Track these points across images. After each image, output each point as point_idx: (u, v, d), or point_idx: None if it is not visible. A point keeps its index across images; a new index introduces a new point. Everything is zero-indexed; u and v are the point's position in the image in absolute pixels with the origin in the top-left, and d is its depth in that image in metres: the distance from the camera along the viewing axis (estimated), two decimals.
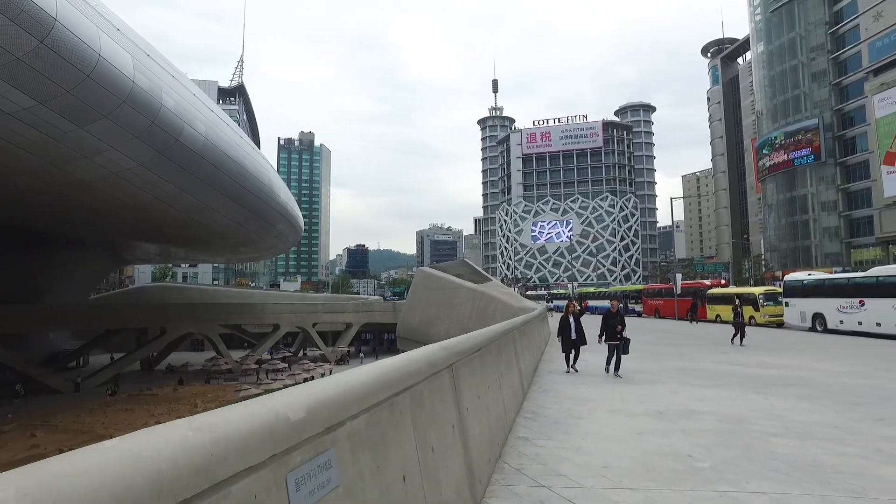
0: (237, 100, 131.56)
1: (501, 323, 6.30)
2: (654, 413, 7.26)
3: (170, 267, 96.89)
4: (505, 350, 5.49)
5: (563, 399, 8.10)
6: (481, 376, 4.05)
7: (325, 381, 1.72)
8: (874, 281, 20.16)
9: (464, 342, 3.55)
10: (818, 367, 12.48)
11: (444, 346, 3.10)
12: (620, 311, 11.65)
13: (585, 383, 10.02)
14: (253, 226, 35.60)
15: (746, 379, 10.54)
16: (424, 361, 2.60)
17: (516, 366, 6.50)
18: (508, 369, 5.57)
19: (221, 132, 25.40)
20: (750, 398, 8.45)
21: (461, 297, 30.08)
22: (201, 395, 35.83)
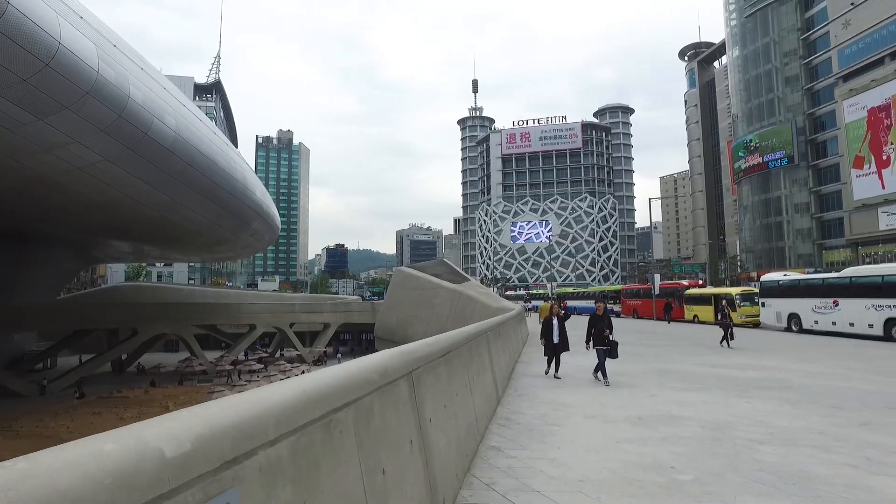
0: (214, 96, 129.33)
1: (474, 324, 5.99)
2: (633, 419, 7.03)
3: (144, 266, 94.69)
4: (478, 353, 5.19)
5: (539, 404, 7.80)
6: (448, 383, 3.76)
7: (234, 400, 1.37)
8: (847, 281, 20.43)
9: (427, 346, 3.24)
10: (797, 368, 12.43)
11: (404, 350, 2.79)
12: (608, 314, 10.88)
13: (562, 387, 9.70)
14: (227, 224, 34.83)
15: (727, 382, 10.38)
16: (375, 370, 2.27)
17: (490, 369, 6.21)
18: (481, 373, 5.28)
19: (193, 127, 24.70)
20: (732, 402, 8.28)
21: (439, 297, 29.80)
22: (173, 397, 34.90)
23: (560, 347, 10.96)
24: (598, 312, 10.59)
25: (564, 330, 11.23)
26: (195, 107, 29.29)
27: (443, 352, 3.62)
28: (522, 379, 10.48)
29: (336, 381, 1.85)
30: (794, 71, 68.90)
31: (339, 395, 1.83)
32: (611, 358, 10.17)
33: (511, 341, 11.97)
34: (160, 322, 48.65)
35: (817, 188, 65.96)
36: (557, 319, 11.19)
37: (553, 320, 11.12)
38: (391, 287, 42.19)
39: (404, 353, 2.75)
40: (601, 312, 10.61)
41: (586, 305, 50.80)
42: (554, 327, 11.02)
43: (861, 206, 57.76)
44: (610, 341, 10.18)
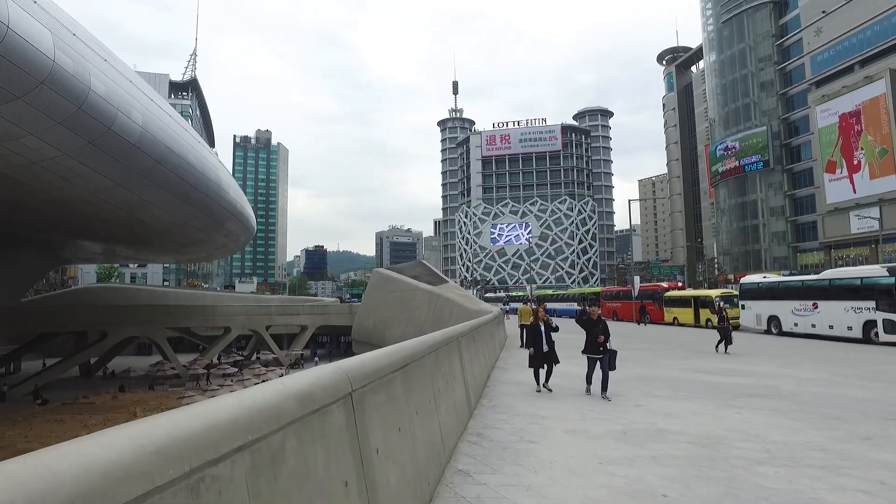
0: (190, 94, 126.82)
1: (443, 330, 5.48)
2: (617, 434, 6.49)
3: (116, 267, 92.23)
4: (447, 361, 4.68)
5: (515, 416, 7.22)
6: (406, 401, 3.26)
7: None
8: (826, 284, 20.43)
9: (376, 360, 2.75)
10: (784, 373, 12.05)
11: (343, 367, 2.26)
12: (602, 319, 9.58)
13: (540, 396, 9.10)
14: (200, 224, 33.81)
15: (713, 389, 9.89)
16: (293, 396, 1.72)
17: (462, 379, 5.69)
18: (451, 384, 4.76)
19: (162, 123, 23.81)
20: (722, 413, 7.79)
21: (417, 299, 29.25)
22: (143, 402, 33.72)
23: (551, 356, 9.74)
24: (591, 316, 9.40)
25: (551, 338, 10.01)
26: (166, 103, 28.36)
27: (400, 364, 3.10)
28: (499, 387, 9.83)
29: (218, 419, 1.29)
30: (769, 76, 70.05)
31: (219, 439, 1.29)
32: (610, 369, 9.00)
33: (488, 346, 11.20)
34: (130, 325, 47.19)
35: (792, 192, 67.06)
36: (545, 326, 9.95)
37: (541, 327, 9.89)
38: (368, 289, 41.49)
39: (342, 371, 2.21)
40: (595, 316, 9.41)
41: (566, 307, 50.70)
42: (542, 335, 9.84)
43: (834, 210, 58.83)
44: (606, 349, 9.03)
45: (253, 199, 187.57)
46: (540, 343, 9.70)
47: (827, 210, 59.65)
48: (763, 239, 69.22)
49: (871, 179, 55.52)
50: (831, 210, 59.11)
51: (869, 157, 55.78)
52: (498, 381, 10.49)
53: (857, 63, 57.97)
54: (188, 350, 59.32)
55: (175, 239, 36.97)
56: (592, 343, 9.06)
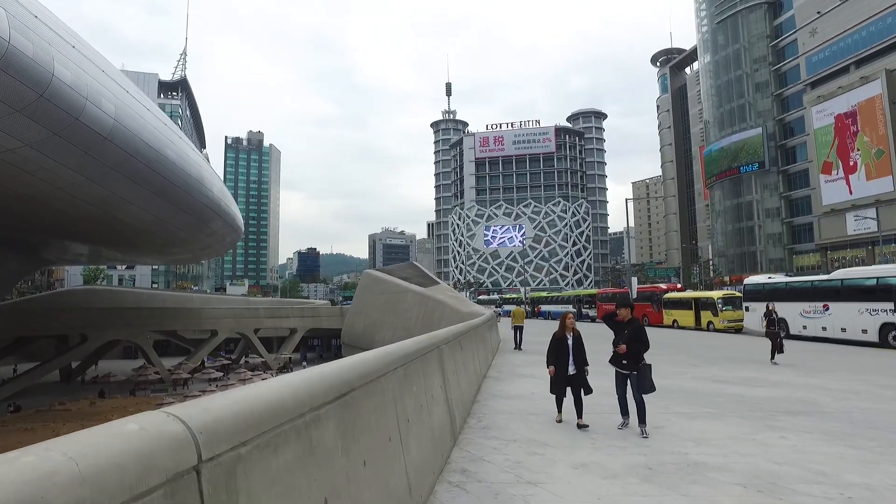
0: (180, 94, 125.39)
1: (418, 337, 4.40)
2: (641, 470, 5.09)
3: (102, 269, 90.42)
4: (420, 378, 3.59)
5: (509, 444, 5.91)
6: (346, 452, 2.19)
7: None
8: (838, 284, 19.52)
9: (274, 396, 1.64)
10: (812, 383, 10.71)
11: (188, 414, 1.24)
12: (636, 320, 7.22)
13: (539, 413, 7.65)
14: (181, 223, 32.53)
15: (740, 404, 8.51)
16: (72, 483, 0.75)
17: (443, 398, 4.58)
18: (426, 409, 3.64)
19: (138, 116, 22.60)
20: (764, 438, 6.35)
21: (407, 301, 28.14)
22: (122, 409, 32.39)
23: (580, 381, 7.17)
24: (618, 318, 7.12)
25: (584, 352, 7.33)
26: (144, 96, 27.10)
27: (335, 392, 2.01)
28: (491, 402, 8.39)
29: None
30: (764, 77, 69.60)
31: None
32: (643, 392, 6.75)
33: (478, 353, 9.88)
34: (113, 328, 45.79)
35: (787, 193, 66.54)
36: (573, 339, 7.27)
37: (568, 339, 7.25)
38: (358, 291, 40.33)
39: (180, 424, 1.21)
40: (623, 318, 7.10)
41: (561, 310, 49.74)
42: (569, 351, 7.21)
43: (830, 212, 58.30)
44: (638, 362, 6.81)
45: (245, 200, 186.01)
46: (565, 361, 7.15)
47: (823, 211, 59.11)
48: (759, 241, 68.63)
49: (867, 180, 55.01)
50: (827, 211, 58.57)
51: (865, 158, 55.27)
52: (490, 395, 9.11)
53: (852, 63, 57.53)
54: (176, 353, 57.93)
55: (157, 239, 35.65)
56: (616, 353, 6.99)
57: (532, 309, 54.77)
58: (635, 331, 6.93)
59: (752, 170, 68.71)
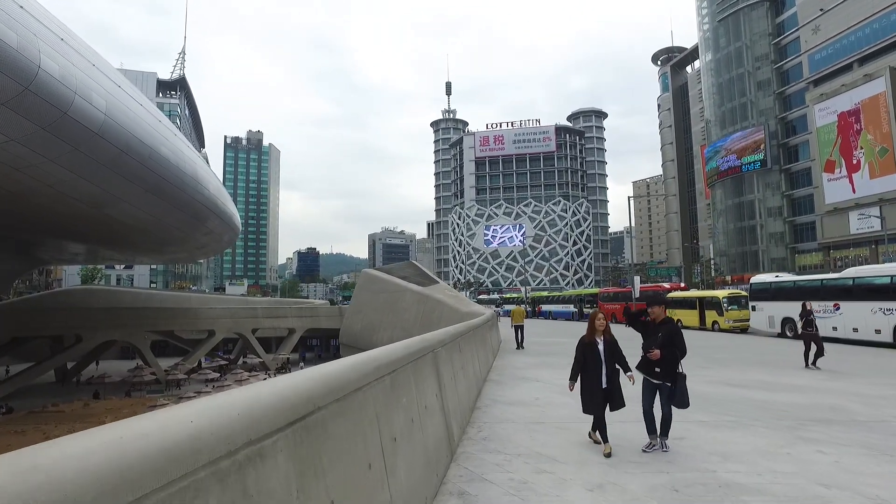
0: (178, 93, 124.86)
1: (409, 339, 3.88)
2: (666, 492, 4.42)
3: (100, 269, 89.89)
4: (411, 388, 3.03)
5: (513, 459, 5.23)
6: (303, 491, 1.63)
7: None
8: (850, 283, 18.98)
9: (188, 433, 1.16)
10: (834, 387, 10.08)
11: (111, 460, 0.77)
12: (672, 323, 6.06)
13: (545, 421, 6.88)
14: (176, 221, 32.01)
15: (763, 410, 7.77)
16: None
17: (439, 407, 4.04)
18: (418, 422, 3.04)
19: (130, 112, 22.09)
20: (799, 451, 5.62)
21: (405, 301, 27.62)
22: (116, 410, 31.86)
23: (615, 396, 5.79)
24: (651, 318, 6.00)
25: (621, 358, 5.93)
26: (137, 92, 26.60)
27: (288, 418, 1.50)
28: (492, 409, 7.69)
29: None
30: (766, 75, 69.08)
31: None
32: (677, 406, 5.77)
33: (478, 355, 9.27)
34: (108, 328, 45.26)
35: (790, 192, 66.02)
36: (605, 344, 5.86)
37: (598, 345, 5.85)
38: (356, 290, 39.82)
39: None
40: (657, 318, 5.98)
41: (562, 309, 49.20)
42: (601, 359, 5.79)
43: (833, 210, 57.81)
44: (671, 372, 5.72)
45: (244, 200, 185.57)
46: (597, 371, 5.70)
47: (826, 210, 58.61)
48: (761, 240, 68.11)
49: (870, 179, 54.51)
50: (830, 210, 58.07)
51: (869, 157, 54.77)
52: (491, 400, 8.37)
53: (856, 61, 57.02)
54: (175, 354, 57.43)
55: (152, 237, 35.14)
56: (646, 358, 5.81)
57: (533, 309, 54.25)
58: (671, 334, 5.73)
59: (754, 168, 68.19)
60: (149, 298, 62.04)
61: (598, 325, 5.91)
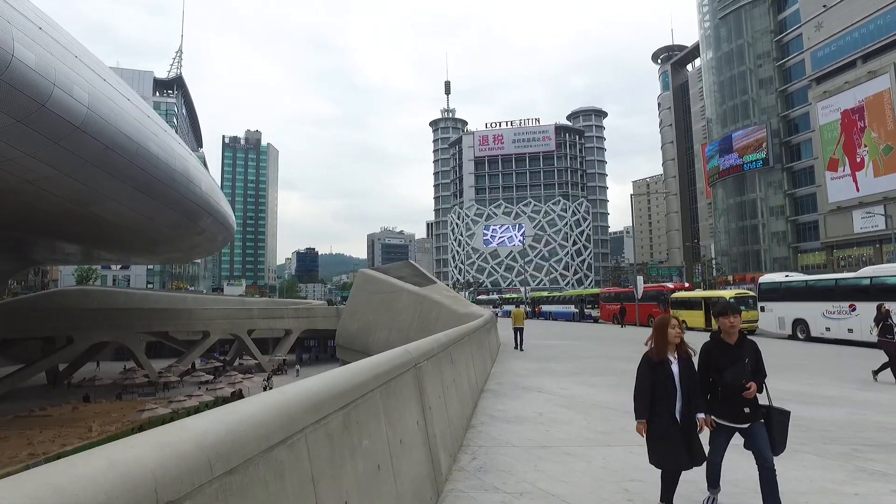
0: (175, 92, 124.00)
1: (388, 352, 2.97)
2: None
3: (95, 269, 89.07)
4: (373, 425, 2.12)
5: (516, 499, 4.19)
6: None
7: None
8: (867, 283, 18.19)
9: None
10: (876, 400, 8.71)
11: None
12: (753, 342, 4.26)
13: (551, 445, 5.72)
14: (167, 220, 31.21)
15: (806, 431, 6.53)
16: None
17: (422, 439, 3.10)
18: (385, 470, 2.04)
19: (115, 105, 21.28)
20: (868, 489, 4.48)
21: (402, 301, 26.84)
22: (105, 414, 31.10)
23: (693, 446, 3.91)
24: (725, 337, 4.18)
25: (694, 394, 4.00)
26: (126, 87, 25.75)
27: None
28: (489, 427, 6.60)
29: None
30: (768, 73, 68.32)
31: None
32: (776, 453, 4.06)
33: (474, 363, 8.31)
34: (100, 329, 44.50)
35: (792, 191, 65.25)
36: (681, 364, 4.01)
37: (672, 364, 4.00)
38: (353, 291, 39.06)
39: None
40: (730, 334, 4.16)
41: (563, 310, 48.35)
42: (676, 386, 3.94)
43: (836, 209, 57.06)
44: (768, 408, 4.11)
45: (242, 200, 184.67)
46: (670, 405, 3.93)
47: (829, 209, 57.86)
48: (763, 239, 67.35)
49: (875, 177, 53.76)
50: (833, 209, 57.32)
51: (873, 155, 54.01)
52: (488, 416, 7.28)
53: (859, 58, 56.26)
54: (171, 356, 56.66)
55: (143, 237, 34.33)
56: (731, 395, 4.02)
57: (533, 309, 53.47)
58: (756, 356, 4.10)
59: (756, 167, 67.43)
60: (143, 299, 61.30)
61: (673, 336, 3.97)
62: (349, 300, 41.06)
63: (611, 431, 6.29)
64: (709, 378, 4.14)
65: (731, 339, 4.12)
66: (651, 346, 4.08)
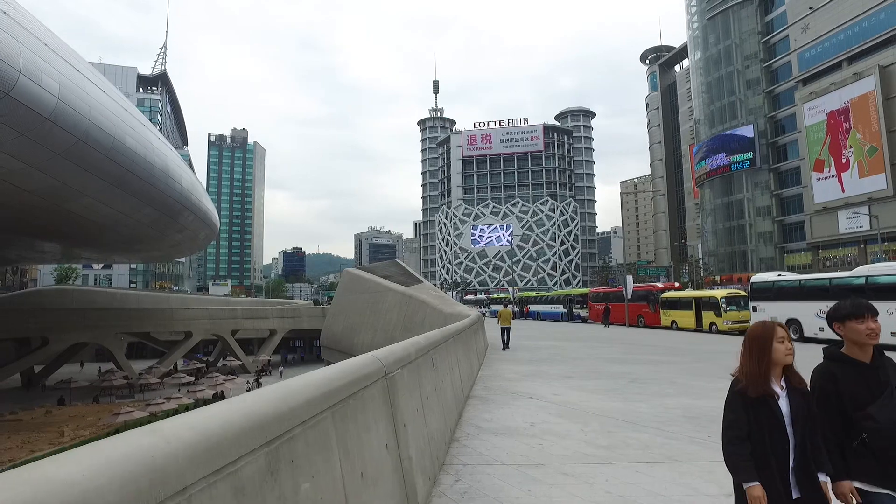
0: (160, 89, 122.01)
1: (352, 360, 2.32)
2: None
3: (75, 268, 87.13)
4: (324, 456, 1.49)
5: None
6: None
7: None
8: (863, 282, 17.86)
9: None
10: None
11: None
12: (890, 359, 2.65)
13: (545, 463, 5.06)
14: (145, 218, 30.26)
15: None
16: None
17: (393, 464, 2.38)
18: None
19: (87, 96, 20.40)
20: None
21: (388, 301, 26.18)
22: (79, 418, 30.02)
23: None
24: (854, 352, 2.60)
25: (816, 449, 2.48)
26: (102, 78, 24.80)
27: None
28: (475, 442, 5.78)
29: None
30: (755, 74, 68.62)
31: None
32: None
33: (459, 367, 7.72)
34: (77, 330, 43.29)
35: (779, 191, 65.56)
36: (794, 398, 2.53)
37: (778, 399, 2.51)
38: (338, 290, 38.30)
39: None
40: (864, 351, 2.58)
41: (551, 310, 47.88)
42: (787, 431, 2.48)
43: (822, 210, 57.35)
44: None
45: (228, 199, 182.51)
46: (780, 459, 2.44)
47: (815, 210, 58.14)
48: (749, 239, 67.61)
49: (859, 178, 54.08)
50: (819, 209, 57.61)
51: (858, 156, 54.33)
52: (474, 427, 6.46)
53: (845, 60, 56.57)
54: (153, 356, 55.41)
55: (122, 234, 33.29)
56: (886, 445, 2.44)
57: (521, 309, 53.01)
58: None
59: (743, 167, 67.68)
60: (125, 299, 59.92)
61: (783, 354, 2.55)
62: (334, 300, 40.30)
63: (612, 446, 5.60)
64: (839, 419, 2.60)
65: (866, 355, 2.63)
66: (743, 372, 2.62)
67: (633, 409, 7.47)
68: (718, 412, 4.12)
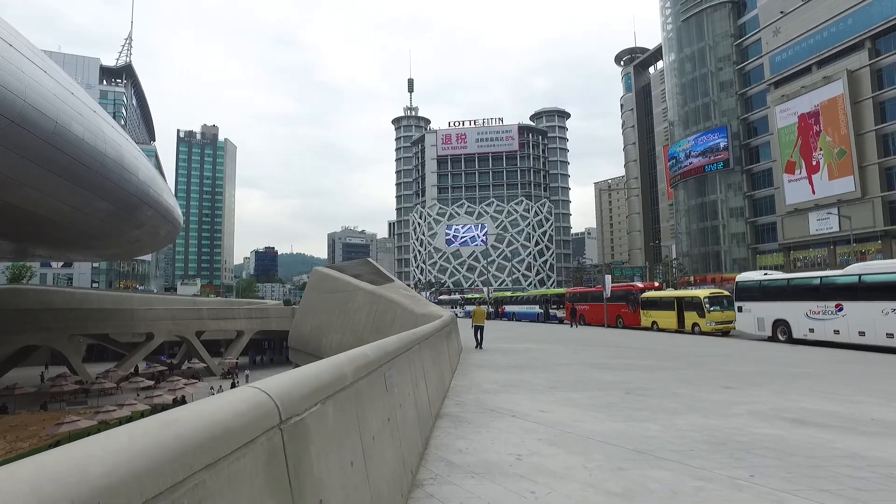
0: (124, 81, 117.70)
1: (132, 429, 1.10)
2: None
3: (29, 266, 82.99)
4: None
5: None
6: None
7: None
8: (855, 281, 17.25)
9: None
10: None
11: None
12: None
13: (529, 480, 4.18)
14: (97, 212, 28.27)
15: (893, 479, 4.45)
16: None
17: None
18: None
19: (23, 74, 18.58)
20: None
21: (357, 301, 24.82)
22: (21, 427, 27.84)
23: None
24: None
25: None
26: (46, 59, 22.83)
27: None
28: (444, 491, 4.17)
29: None
30: (729, 76, 69.21)
31: None
32: None
33: (427, 381, 6.11)
34: (27, 332, 40.66)
35: (751, 193, 66.16)
36: None
37: None
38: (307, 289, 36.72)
39: None
40: None
41: (527, 310, 47.05)
42: None
43: (793, 211, 57.96)
44: None
45: (198, 196, 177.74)
46: None
47: (786, 211, 58.75)
48: (723, 240, 68.12)
49: (829, 180, 54.80)
50: (791, 211, 58.23)
51: (828, 158, 55.01)
52: (445, 464, 4.87)
53: (815, 63, 57.30)
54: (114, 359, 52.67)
55: (73, 230, 31.12)
56: None
57: (496, 310, 52.04)
58: None
59: (717, 169, 68.14)
60: (84, 298, 56.92)
61: None
62: (303, 300, 38.67)
63: (629, 493, 4.06)
64: None
65: None
66: None
67: (640, 431, 6.21)
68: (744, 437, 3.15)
